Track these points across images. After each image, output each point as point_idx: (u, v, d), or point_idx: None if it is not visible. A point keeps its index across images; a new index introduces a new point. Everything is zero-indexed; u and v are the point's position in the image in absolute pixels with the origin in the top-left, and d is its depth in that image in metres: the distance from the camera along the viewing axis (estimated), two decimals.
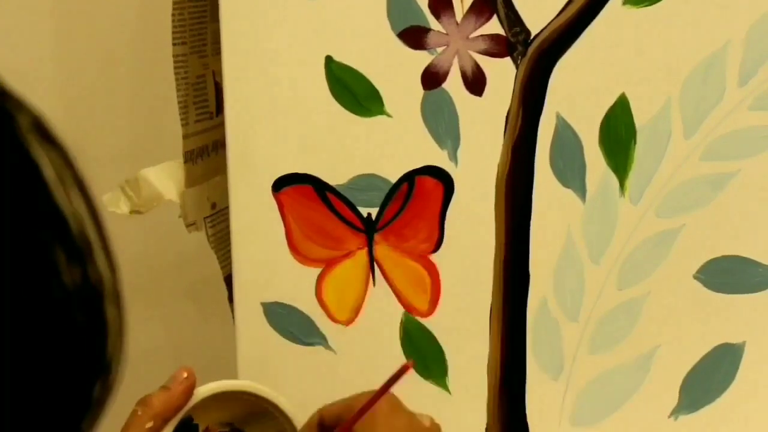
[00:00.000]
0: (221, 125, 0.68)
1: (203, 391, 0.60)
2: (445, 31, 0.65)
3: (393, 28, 0.65)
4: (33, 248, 0.29)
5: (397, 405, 0.58)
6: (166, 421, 0.58)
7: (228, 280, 0.75)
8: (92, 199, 0.31)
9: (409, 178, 0.67)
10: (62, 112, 0.95)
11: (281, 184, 0.68)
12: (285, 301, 0.70)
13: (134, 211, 0.72)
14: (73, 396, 0.31)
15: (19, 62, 0.93)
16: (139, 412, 0.57)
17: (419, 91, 0.66)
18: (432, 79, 0.66)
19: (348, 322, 0.70)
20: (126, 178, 0.72)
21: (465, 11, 0.65)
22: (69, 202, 0.30)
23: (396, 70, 0.66)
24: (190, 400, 0.59)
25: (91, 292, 0.30)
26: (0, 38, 0.92)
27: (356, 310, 0.70)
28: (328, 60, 0.66)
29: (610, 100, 0.66)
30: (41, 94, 0.95)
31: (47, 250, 0.29)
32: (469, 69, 0.66)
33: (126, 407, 0.58)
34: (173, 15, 0.70)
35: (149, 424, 0.57)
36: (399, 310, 0.69)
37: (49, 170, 0.30)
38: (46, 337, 0.29)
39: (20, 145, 0.30)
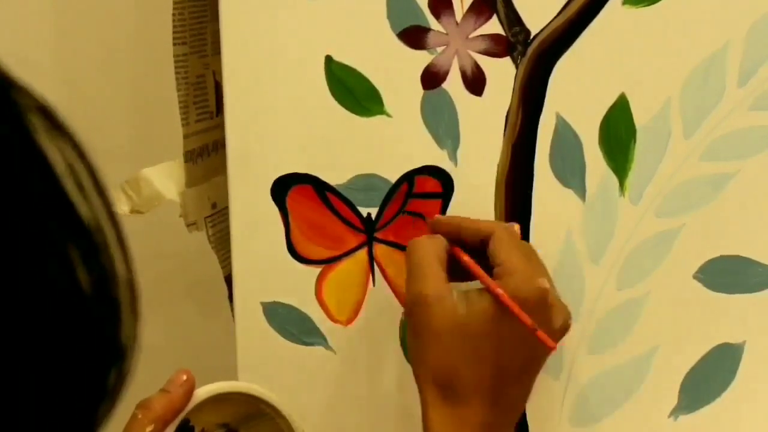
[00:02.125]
0: (221, 125, 0.68)
1: (202, 393, 0.60)
2: (445, 31, 0.65)
3: (393, 28, 0.65)
4: (45, 242, 0.29)
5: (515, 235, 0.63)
6: (166, 424, 0.58)
7: (228, 280, 0.75)
8: (106, 190, 0.31)
9: (409, 178, 0.67)
10: (62, 112, 0.94)
11: (281, 184, 0.68)
12: (285, 301, 0.70)
13: (134, 211, 0.72)
14: (89, 385, 0.30)
15: (19, 62, 0.93)
16: (140, 416, 0.57)
17: (419, 91, 0.66)
18: (432, 79, 0.66)
19: (348, 322, 0.70)
20: (126, 178, 0.72)
21: (465, 11, 0.65)
22: (81, 195, 0.30)
23: (396, 70, 0.66)
24: (189, 402, 0.59)
25: (106, 286, 0.30)
26: (0, 38, 0.92)
27: (356, 310, 0.70)
28: (328, 60, 0.66)
29: (610, 100, 0.66)
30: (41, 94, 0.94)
31: (60, 243, 0.29)
32: (469, 69, 0.66)
33: (126, 407, 0.58)
34: (173, 15, 0.70)
35: (150, 428, 0.57)
36: (399, 310, 0.69)
37: (58, 161, 0.29)
38: (61, 329, 0.29)
39: (27, 134, 0.29)
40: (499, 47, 0.65)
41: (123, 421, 0.56)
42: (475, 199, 0.67)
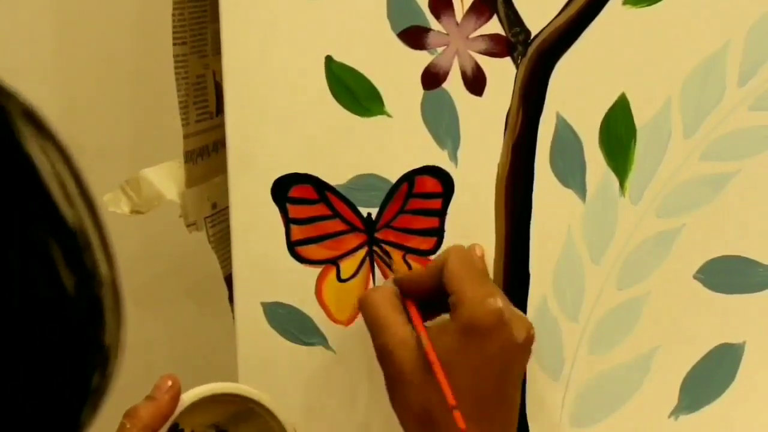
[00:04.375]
0: (221, 125, 0.68)
1: (188, 397, 0.60)
2: (445, 31, 0.65)
3: (393, 28, 0.65)
4: (29, 246, 0.28)
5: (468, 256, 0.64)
6: (155, 431, 0.58)
7: (228, 280, 0.75)
8: (90, 193, 0.31)
9: (409, 178, 0.67)
10: (62, 112, 0.95)
11: (281, 184, 0.68)
12: (285, 301, 0.70)
13: (134, 211, 0.72)
14: (72, 387, 0.30)
15: (19, 62, 0.93)
16: (128, 425, 0.56)
17: (419, 91, 0.66)
18: (432, 79, 0.66)
19: (348, 322, 0.70)
20: (126, 178, 0.72)
21: (465, 11, 0.65)
22: (65, 198, 0.30)
23: (396, 70, 0.66)
24: (177, 407, 0.59)
25: (89, 287, 0.30)
26: (0, 38, 0.92)
27: (356, 310, 0.69)
28: (328, 60, 0.66)
29: (610, 100, 0.66)
30: (41, 94, 0.95)
31: (44, 247, 0.29)
32: (469, 69, 0.66)
33: (125, 406, 0.58)
34: (173, 15, 0.70)
35: None
36: None
37: (43, 164, 0.29)
38: (45, 332, 0.29)
39: (11, 136, 0.29)
40: (499, 47, 0.65)
41: (115, 423, 0.56)
42: (475, 199, 0.67)
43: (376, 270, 0.69)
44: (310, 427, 0.67)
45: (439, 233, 0.68)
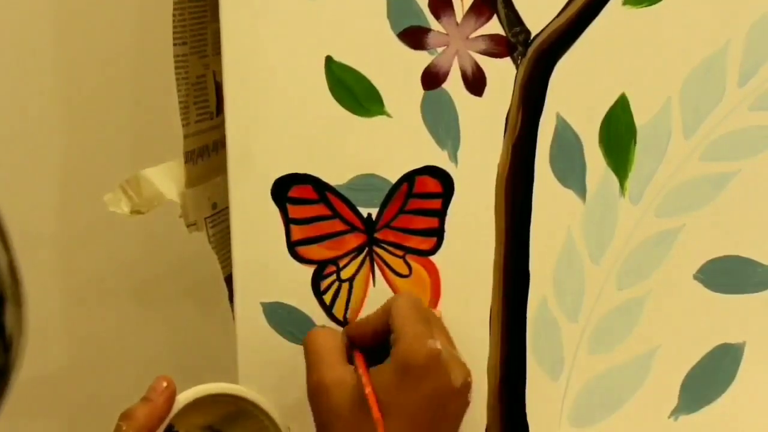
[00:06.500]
0: (221, 125, 0.68)
1: (184, 398, 0.60)
2: (445, 31, 0.65)
3: (393, 28, 0.65)
4: None
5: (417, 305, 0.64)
6: None
7: (228, 280, 0.75)
8: None
9: (409, 178, 0.67)
10: (62, 112, 0.95)
11: (281, 184, 0.68)
12: (285, 301, 0.70)
13: (134, 211, 0.72)
14: None
15: (19, 62, 0.93)
16: (124, 427, 0.57)
17: (419, 91, 0.66)
18: (432, 79, 0.66)
19: (348, 322, 0.70)
20: (126, 178, 0.72)
21: (465, 11, 0.65)
22: None
23: (396, 70, 0.66)
24: (172, 408, 0.59)
25: None
26: (0, 38, 0.92)
27: (356, 310, 0.70)
28: (328, 60, 0.66)
29: (610, 100, 0.66)
30: (41, 94, 0.95)
31: None
32: (469, 69, 0.66)
33: (124, 407, 0.58)
34: (174, 15, 0.70)
35: None
36: None
37: None
38: None
39: None
40: (499, 47, 0.65)
41: (112, 424, 0.56)
42: (475, 199, 0.67)
43: (376, 270, 0.69)
44: (309, 428, 0.67)
45: (439, 233, 0.68)
